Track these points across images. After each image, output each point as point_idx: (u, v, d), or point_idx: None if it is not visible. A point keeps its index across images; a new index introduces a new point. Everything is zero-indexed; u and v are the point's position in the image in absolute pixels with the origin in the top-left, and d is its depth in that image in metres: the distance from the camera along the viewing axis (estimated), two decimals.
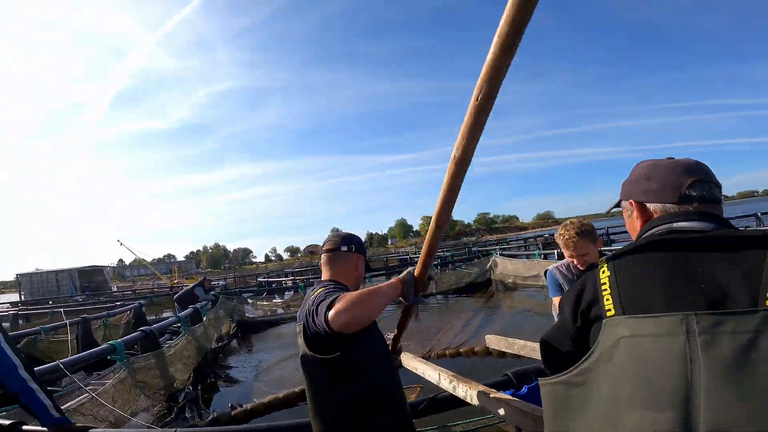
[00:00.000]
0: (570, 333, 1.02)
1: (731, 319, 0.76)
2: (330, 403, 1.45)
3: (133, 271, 67.70)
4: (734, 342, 0.75)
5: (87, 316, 7.28)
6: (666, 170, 1.02)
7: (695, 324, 0.78)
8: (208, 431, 1.96)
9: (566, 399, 0.94)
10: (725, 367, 0.74)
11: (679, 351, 0.78)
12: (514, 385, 2.16)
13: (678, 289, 0.84)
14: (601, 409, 0.87)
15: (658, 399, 0.79)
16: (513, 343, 2.89)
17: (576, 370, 0.92)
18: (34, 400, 2.00)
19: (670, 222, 0.96)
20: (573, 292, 1.02)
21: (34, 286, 31.98)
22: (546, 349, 1.14)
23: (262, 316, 10.95)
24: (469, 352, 5.96)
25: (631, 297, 0.88)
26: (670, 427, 0.76)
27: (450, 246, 37.91)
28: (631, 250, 0.96)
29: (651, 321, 0.83)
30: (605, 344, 0.88)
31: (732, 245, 0.84)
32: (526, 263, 11.42)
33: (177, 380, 4.82)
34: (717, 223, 0.93)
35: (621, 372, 0.84)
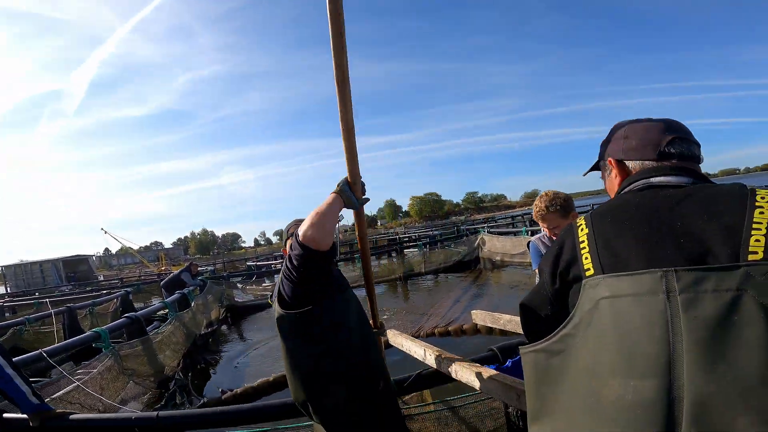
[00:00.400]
0: (549, 296, 1.00)
1: (713, 276, 0.73)
2: (303, 364, 1.50)
3: (119, 260, 66.99)
4: (716, 301, 0.71)
5: (72, 305, 7.19)
6: (645, 129, 1.00)
7: (675, 281, 0.75)
8: (190, 413, 1.95)
9: (547, 368, 0.91)
10: (708, 330, 0.70)
11: (659, 312, 0.75)
12: (499, 359, 2.17)
13: (656, 245, 0.80)
14: (581, 378, 0.84)
15: (639, 366, 0.75)
16: (498, 318, 2.89)
17: (556, 337, 0.89)
18: (12, 387, 1.98)
19: (647, 177, 0.94)
20: (552, 251, 0.99)
21: (19, 278, 31.51)
22: (525, 314, 1.12)
23: (251, 300, 10.92)
24: (458, 330, 6.02)
25: (610, 254, 0.85)
26: (653, 396, 0.73)
27: (439, 225, 38.10)
28: (610, 206, 0.93)
29: (630, 279, 0.80)
30: (585, 307, 0.85)
31: (710, 199, 0.81)
32: (514, 240, 11.51)
33: (167, 367, 4.80)
34: (695, 178, 0.91)
35: (601, 337, 0.81)
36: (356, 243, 18.80)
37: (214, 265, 23.54)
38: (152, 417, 1.86)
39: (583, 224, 0.93)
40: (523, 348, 0.97)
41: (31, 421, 2.00)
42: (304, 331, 1.49)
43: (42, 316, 6.99)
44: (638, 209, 0.87)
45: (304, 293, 1.46)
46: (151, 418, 1.86)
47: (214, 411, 1.95)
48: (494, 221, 26.91)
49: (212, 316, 8.50)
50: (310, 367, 1.50)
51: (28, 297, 14.48)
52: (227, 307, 9.76)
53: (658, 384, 0.73)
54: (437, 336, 5.96)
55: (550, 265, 0.97)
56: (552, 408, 0.90)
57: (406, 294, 10.82)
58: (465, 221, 38.81)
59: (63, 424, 2.01)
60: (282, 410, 1.93)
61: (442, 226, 34.87)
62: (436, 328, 6.23)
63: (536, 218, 2.28)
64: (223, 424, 1.98)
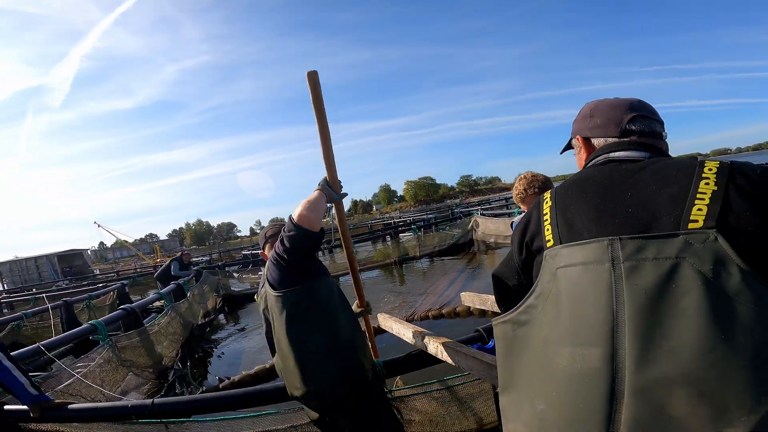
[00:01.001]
0: (516, 267, 1.03)
1: (654, 244, 0.74)
2: (300, 340, 1.62)
3: (115, 253, 66.69)
4: (656, 269, 0.73)
5: (68, 299, 7.18)
6: (609, 107, 1.03)
7: (620, 250, 0.77)
8: (186, 399, 2.01)
9: (513, 340, 0.93)
10: (647, 298, 0.72)
11: (604, 280, 0.77)
12: (485, 339, 2.22)
13: (608, 215, 0.83)
14: (540, 348, 0.86)
15: (585, 334, 0.78)
16: (486, 299, 2.95)
17: (521, 308, 0.92)
18: (11, 379, 2.02)
19: (608, 152, 0.97)
20: (521, 224, 1.03)
21: (15, 274, 31.32)
22: (496, 284, 1.14)
23: (248, 290, 10.95)
24: (452, 313, 6.06)
25: (567, 226, 0.88)
26: (598, 365, 0.75)
27: (434, 209, 38.15)
28: (572, 180, 0.97)
29: (580, 248, 0.83)
30: (545, 278, 0.88)
31: (661, 170, 0.83)
32: (507, 222, 11.55)
33: (165, 357, 4.85)
34: (654, 153, 0.93)
35: (557, 307, 0.84)
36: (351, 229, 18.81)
37: (210, 255, 23.52)
38: (147, 404, 1.93)
39: (548, 198, 0.97)
40: (494, 320, 1.00)
41: (32, 411, 2.05)
42: (296, 309, 1.63)
43: (39, 311, 7.01)
44: (596, 182, 0.90)
45: (292, 276, 1.63)
46: (146, 406, 1.93)
47: (205, 397, 2.00)
48: (489, 203, 26.97)
49: (209, 306, 8.54)
50: (305, 344, 1.62)
51: (25, 293, 14.47)
52: (224, 296, 9.80)
53: (602, 352, 0.75)
54: (431, 319, 6.01)
55: (518, 236, 1.02)
56: (517, 379, 0.92)
57: (401, 278, 10.90)
58: (460, 204, 38.89)
59: (62, 414, 2.06)
60: (274, 393, 1.97)
61: (437, 209, 34.92)
62: (430, 311, 6.28)
63: (516, 200, 2.31)
64: (216, 409, 2.03)
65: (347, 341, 1.72)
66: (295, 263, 1.62)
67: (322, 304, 1.68)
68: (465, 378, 2.46)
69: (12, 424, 2.15)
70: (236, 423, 2.26)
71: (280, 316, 1.63)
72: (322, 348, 1.64)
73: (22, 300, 11.58)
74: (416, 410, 2.54)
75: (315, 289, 1.67)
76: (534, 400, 0.85)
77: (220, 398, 2.00)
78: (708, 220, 0.73)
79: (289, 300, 1.63)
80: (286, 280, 1.64)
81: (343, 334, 1.70)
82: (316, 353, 1.63)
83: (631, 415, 0.70)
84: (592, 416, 0.74)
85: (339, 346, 1.68)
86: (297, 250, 1.60)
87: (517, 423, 0.90)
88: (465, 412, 2.57)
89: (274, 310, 1.66)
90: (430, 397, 2.54)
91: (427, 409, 2.55)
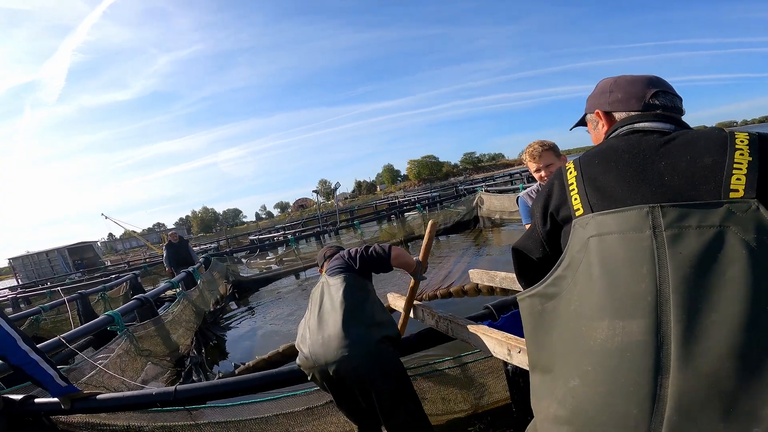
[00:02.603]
0: (541, 238, 1.02)
1: (697, 212, 0.74)
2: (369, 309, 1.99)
3: (124, 244, 67.24)
4: (701, 238, 0.72)
5: (84, 292, 7.31)
6: (629, 83, 1.03)
7: (661, 217, 0.76)
8: (207, 385, 2.07)
9: (542, 315, 0.91)
10: (692, 267, 0.71)
11: (645, 249, 0.76)
12: (494, 316, 2.23)
13: (642, 183, 0.82)
14: (572, 322, 0.84)
15: (626, 305, 0.75)
16: (494, 276, 2.95)
17: (549, 280, 0.89)
18: (39, 372, 2.03)
19: (632, 123, 0.96)
20: (541, 195, 1.01)
21: (29, 269, 31.69)
22: (518, 258, 1.13)
23: (257, 275, 11.06)
24: (459, 291, 6.06)
25: (598, 194, 0.86)
26: (641, 338, 0.73)
27: (438, 187, 37.98)
28: (596, 150, 0.95)
29: (617, 216, 0.81)
30: (575, 248, 0.86)
31: (693, 141, 0.83)
32: (512, 198, 11.50)
33: (181, 345, 4.92)
34: (678, 125, 0.93)
35: (589, 278, 0.81)
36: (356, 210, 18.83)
37: (218, 242, 23.68)
38: (170, 392, 1.99)
39: (571, 167, 0.95)
40: (519, 294, 0.98)
41: (63, 404, 2.07)
42: (359, 285, 2.06)
43: (56, 304, 7.12)
44: (624, 151, 0.89)
45: (362, 271, 2.17)
46: (169, 393, 1.99)
47: (227, 381, 2.06)
48: (493, 180, 26.79)
49: (220, 293, 8.64)
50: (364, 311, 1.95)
51: (41, 287, 14.70)
52: (234, 282, 9.90)
53: (646, 324, 0.73)
54: (439, 298, 6.03)
55: (541, 207, 1.00)
56: (547, 356, 0.90)
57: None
58: (464, 181, 38.65)
59: (91, 405, 2.09)
60: (292, 376, 2.02)
61: (441, 187, 34.76)
62: (438, 289, 6.28)
63: (530, 159, 2.34)
64: (237, 393, 2.09)
65: (388, 320, 1.99)
66: (367, 267, 2.19)
67: (368, 287, 2.13)
68: (476, 356, 2.49)
69: (44, 417, 2.18)
70: (255, 407, 2.33)
71: (337, 292, 1.98)
72: (388, 322, 1.98)
73: (38, 294, 11.78)
74: (428, 388, 2.59)
75: (364, 281, 2.16)
76: (567, 377, 0.83)
77: (240, 382, 2.05)
78: (748, 189, 0.73)
79: (354, 279, 2.06)
80: (350, 270, 2.12)
81: (382, 315, 2.00)
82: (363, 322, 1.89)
83: (678, 390, 0.69)
84: (634, 391, 0.72)
85: (379, 322, 1.94)
86: (373, 263, 2.19)
87: (549, 401, 0.87)
88: (477, 389, 2.61)
89: (331, 288, 2.02)
90: (441, 375, 2.58)
91: (439, 387, 2.59)
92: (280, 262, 12.34)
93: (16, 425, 2.12)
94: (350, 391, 1.89)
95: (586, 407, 0.78)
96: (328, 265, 2.26)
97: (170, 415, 2.22)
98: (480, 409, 2.61)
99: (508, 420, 2.45)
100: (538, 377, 0.93)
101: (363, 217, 16.87)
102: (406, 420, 1.85)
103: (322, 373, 1.83)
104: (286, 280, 10.22)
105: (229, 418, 2.30)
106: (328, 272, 2.13)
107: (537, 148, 2.32)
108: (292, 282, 10.07)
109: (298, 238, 13.10)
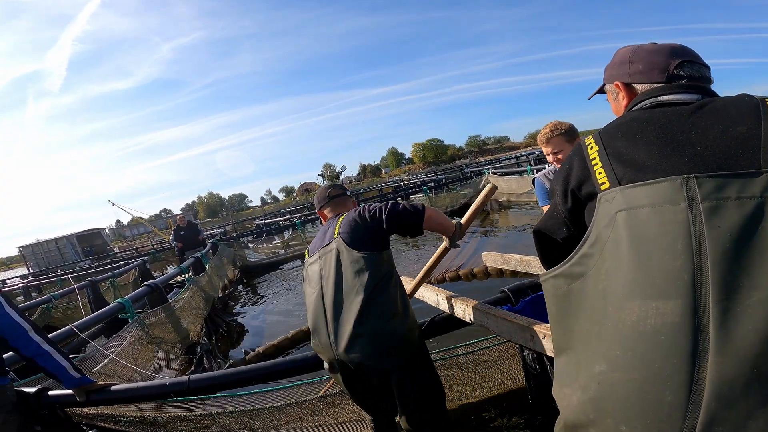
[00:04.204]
0: (563, 217, 0.97)
1: (736, 182, 0.69)
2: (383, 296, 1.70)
3: (132, 231, 67.73)
4: (741, 210, 0.67)
5: (94, 279, 7.32)
6: (651, 53, 0.96)
7: (696, 188, 0.71)
8: (220, 374, 2.05)
9: (567, 296, 0.86)
10: (732, 241, 0.66)
11: (681, 222, 0.70)
12: (511, 300, 2.17)
13: (673, 153, 0.77)
14: (598, 303, 0.79)
15: (660, 285, 0.70)
16: (509, 259, 2.88)
17: (574, 258, 0.84)
18: (52, 363, 1.98)
19: (655, 96, 0.90)
20: (561, 173, 0.96)
21: (39, 257, 32.10)
22: (540, 240, 1.08)
23: (264, 259, 11.12)
24: (468, 275, 6.05)
25: (625, 166, 0.81)
26: (677, 319, 0.68)
27: (443, 170, 37.79)
28: (618, 123, 0.90)
29: (647, 188, 0.76)
30: (601, 223, 0.81)
31: (723, 109, 0.78)
32: (519, 180, 11.44)
33: (191, 333, 4.93)
34: (704, 95, 0.86)
35: (619, 255, 0.76)
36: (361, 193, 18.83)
37: (224, 227, 23.78)
38: (184, 381, 1.96)
39: (591, 142, 0.90)
40: (543, 275, 0.93)
41: (77, 396, 2.02)
42: (378, 269, 1.72)
43: (66, 292, 7.13)
44: (650, 123, 0.84)
45: (378, 242, 1.76)
46: (183, 383, 1.96)
47: (241, 370, 2.02)
48: (499, 162, 26.60)
49: (228, 278, 8.67)
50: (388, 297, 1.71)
51: (51, 275, 14.86)
52: (241, 267, 9.95)
53: (683, 305, 0.68)
54: (448, 281, 6.02)
55: (562, 185, 0.95)
56: (574, 340, 0.85)
57: (414, 240, 10.93)
58: (469, 164, 38.43)
59: (106, 396, 2.05)
60: (305, 363, 1.98)
61: (447, 170, 34.59)
62: (447, 273, 6.25)
63: (541, 143, 2.33)
64: (251, 382, 2.05)
65: (407, 306, 1.80)
66: (387, 233, 1.76)
67: (392, 267, 1.80)
68: (491, 341, 2.45)
69: (58, 409, 2.15)
70: (269, 396, 2.32)
71: (356, 278, 1.70)
72: (404, 306, 1.76)
73: (49, 282, 11.87)
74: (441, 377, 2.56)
75: (391, 259, 1.80)
76: (592, 362, 0.78)
77: (254, 371, 2.02)
78: None
79: (372, 262, 1.71)
80: (367, 242, 1.74)
81: (404, 299, 1.80)
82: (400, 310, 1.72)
83: (717, 375, 0.64)
84: (669, 377, 0.68)
85: (404, 311, 1.75)
86: (401, 226, 1.75)
87: (573, 387, 0.82)
88: (490, 375, 2.58)
89: (347, 271, 1.73)
90: (455, 362, 2.53)
91: (452, 375, 2.55)
92: (286, 246, 12.38)
93: (31, 419, 2.09)
94: (368, 382, 1.81)
95: (612, 394, 0.73)
96: (332, 214, 2.01)
97: (184, 404, 2.20)
98: (492, 395, 2.58)
99: (522, 406, 2.42)
100: (562, 363, 0.89)
101: (368, 200, 16.81)
102: (425, 414, 1.75)
103: (340, 363, 1.73)
104: (293, 263, 10.24)
105: (243, 408, 2.28)
106: (344, 237, 1.77)
107: (547, 132, 2.28)
108: (299, 266, 10.09)
109: (304, 221, 13.12)
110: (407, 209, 1.76)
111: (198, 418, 2.23)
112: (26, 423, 2.05)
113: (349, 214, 1.82)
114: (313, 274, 1.86)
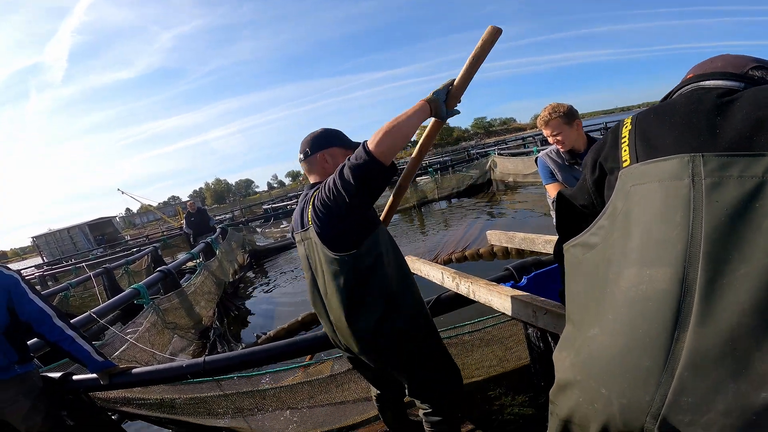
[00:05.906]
0: (587, 186, 1.01)
1: (740, 161, 0.71)
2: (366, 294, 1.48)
3: (141, 218, 68.47)
4: (741, 187, 0.69)
5: (109, 266, 7.45)
6: (734, 57, 0.97)
7: (702, 165, 0.73)
8: (235, 354, 2.12)
9: (580, 264, 0.91)
10: (728, 216, 0.69)
11: (682, 196, 0.74)
12: (515, 277, 2.20)
13: (691, 135, 0.79)
14: (601, 270, 0.83)
15: (655, 253, 0.74)
16: (513, 237, 2.89)
17: (593, 229, 0.89)
18: (77, 348, 2.04)
19: (698, 81, 0.92)
20: (595, 146, 1.01)
21: (52, 247, 32.53)
22: (561, 205, 1.13)
23: (273, 243, 11.22)
24: (474, 255, 6.06)
25: (645, 145, 0.85)
26: (665, 286, 0.71)
27: (449, 151, 37.47)
28: (656, 107, 0.93)
29: (658, 165, 0.80)
30: (618, 196, 0.85)
31: (755, 94, 0.79)
32: (525, 161, 11.32)
33: (204, 317, 5.02)
34: (750, 84, 0.86)
35: (626, 226, 0.81)
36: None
37: (233, 212, 23.93)
38: (200, 363, 2.04)
39: (628, 122, 0.93)
40: (566, 243, 0.96)
41: (101, 379, 2.08)
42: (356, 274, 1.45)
43: (82, 280, 7.29)
44: (682, 105, 0.86)
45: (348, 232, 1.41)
46: (199, 364, 2.04)
47: (254, 350, 2.07)
48: (505, 144, 26.30)
49: (238, 262, 8.78)
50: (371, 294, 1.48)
51: (66, 264, 15.11)
52: (250, 252, 10.06)
53: (672, 272, 0.71)
54: (454, 262, 6.05)
55: (592, 157, 1.00)
56: (579, 305, 0.89)
57: (421, 221, 10.96)
58: (475, 146, 38.00)
59: (128, 379, 2.11)
60: (316, 342, 2.00)
61: (453, 152, 34.28)
62: (453, 253, 6.29)
63: (540, 126, 2.35)
64: (264, 362, 2.11)
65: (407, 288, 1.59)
66: (356, 204, 1.35)
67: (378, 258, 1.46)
68: (496, 319, 2.48)
69: (82, 394, 2.22)
70: (281, 375, 2.39)
71: (334, 281, 1.47)
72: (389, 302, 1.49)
73: (64, 271, 12.08)
74: None
75: (376, 243, 1.45)
76: (588, 326, 0.82)
77: (268, 350, 2.07)
78: None
79: (348, 265, 1.42)
80: (341, 236, 1.42)
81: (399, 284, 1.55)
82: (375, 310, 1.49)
83: (694, 345, 0.66)
84: (650, 343, 0.70)
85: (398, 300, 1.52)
86: (358, 179, 1.29)
87: (569, 350, 0.86)
88: (494, 354, 2.61)
89: (325, 268, 1.49)
90: (459, 340, 2.53)
91: (457, 353, 2.53)
92: None
93: (57, 403, 2.16)
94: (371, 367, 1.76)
95: (599, 357, 0.77)
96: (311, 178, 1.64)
97: (200, 386, 2.28)
98: (497, 373, 2.61)
99: (527, 384, 2.46)
100: (566, 330, 0.93)
101: None
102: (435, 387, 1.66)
103: (343, 346, 1.70)
104: None
105: (256, 388, 2.36)
106: (316, 231, 1.47)
107: (545, 115, 2.30)
108: None
109: None
110: (350, 158, 1.34)
111: (214, 399, 2.31)
112: (53, 408, 2.11)
113: (317, 197, 1.46)
114: (302, 258, 1.63)
